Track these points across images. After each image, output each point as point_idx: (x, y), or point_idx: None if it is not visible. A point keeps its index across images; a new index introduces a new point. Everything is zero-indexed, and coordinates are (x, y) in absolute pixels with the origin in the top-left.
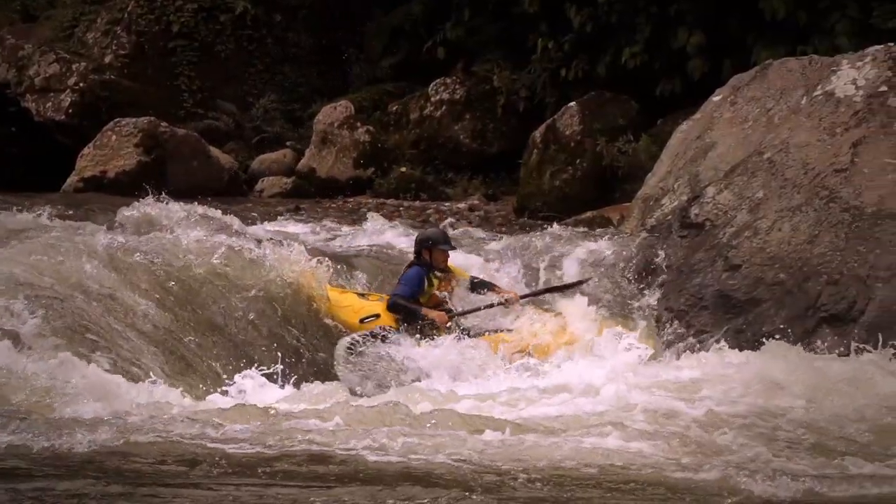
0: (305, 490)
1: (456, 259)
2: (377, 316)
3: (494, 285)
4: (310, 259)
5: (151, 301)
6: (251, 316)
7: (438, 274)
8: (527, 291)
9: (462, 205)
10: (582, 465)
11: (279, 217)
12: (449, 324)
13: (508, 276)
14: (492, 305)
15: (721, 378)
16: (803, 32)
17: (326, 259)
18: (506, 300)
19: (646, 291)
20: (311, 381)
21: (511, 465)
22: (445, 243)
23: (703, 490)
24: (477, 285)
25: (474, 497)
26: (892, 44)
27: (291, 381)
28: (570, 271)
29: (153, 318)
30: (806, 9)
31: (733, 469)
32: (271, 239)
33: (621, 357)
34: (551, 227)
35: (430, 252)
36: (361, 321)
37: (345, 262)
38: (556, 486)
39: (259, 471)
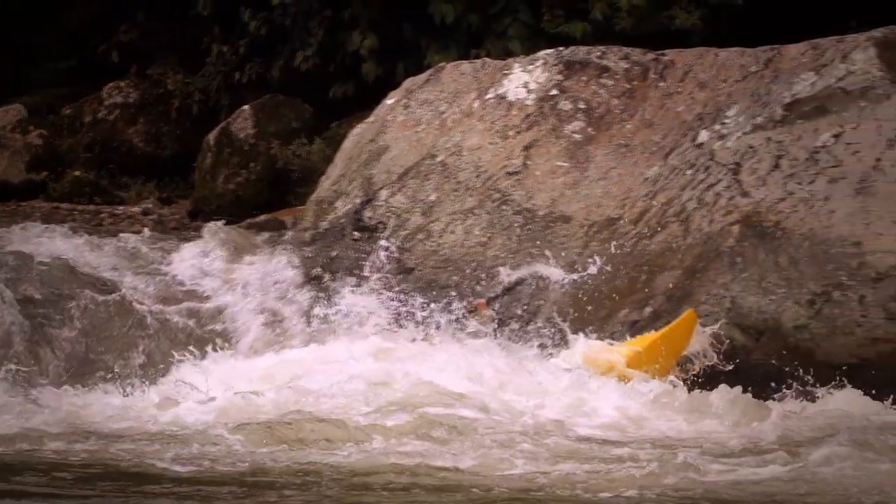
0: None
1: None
2: None
3: None
4: None
5: None
6: None
7: None
8: None
9: (136, 209)
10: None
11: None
12: None
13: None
14: None
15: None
16: (476, 36)
17: None
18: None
19: (319, 295)
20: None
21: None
22: None
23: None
24: None
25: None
26: (562, 48)
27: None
28: (240, 275)
29: None
30: (478, 12)
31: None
32: None
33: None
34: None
35: None
36: None
37: None
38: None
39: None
